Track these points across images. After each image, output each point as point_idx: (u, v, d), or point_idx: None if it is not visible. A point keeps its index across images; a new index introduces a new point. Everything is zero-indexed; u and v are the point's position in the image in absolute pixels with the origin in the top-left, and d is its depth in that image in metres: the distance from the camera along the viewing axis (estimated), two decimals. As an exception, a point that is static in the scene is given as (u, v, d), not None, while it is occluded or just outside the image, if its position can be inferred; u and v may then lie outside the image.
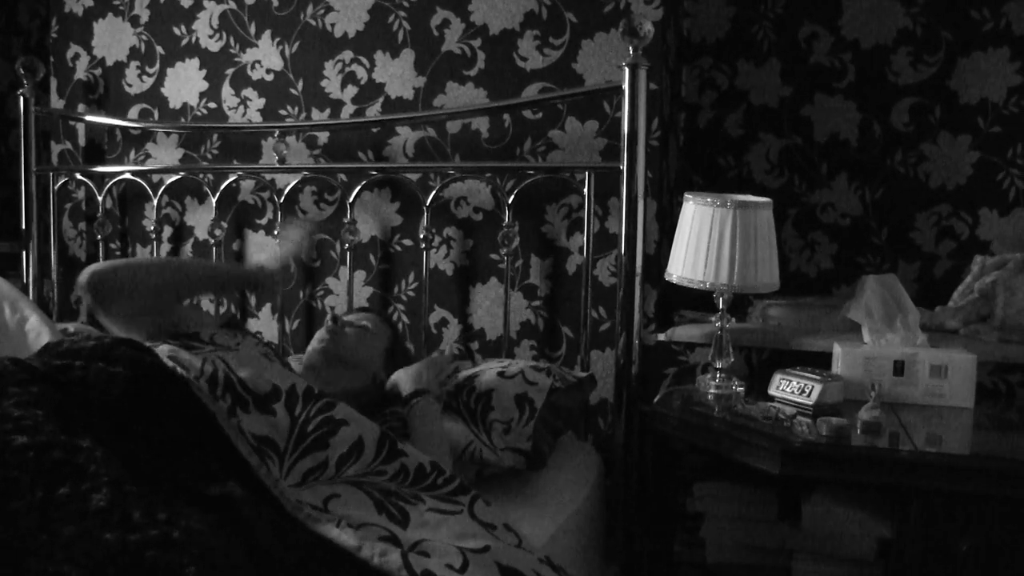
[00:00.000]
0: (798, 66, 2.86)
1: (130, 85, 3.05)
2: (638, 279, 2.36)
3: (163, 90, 3.01)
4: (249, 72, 2.89)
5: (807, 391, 2.07)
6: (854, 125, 2.82)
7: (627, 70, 2.32)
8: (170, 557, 1.10)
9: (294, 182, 2.80)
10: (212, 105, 2.94)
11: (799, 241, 2.87)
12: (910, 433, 1.92)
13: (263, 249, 2.84)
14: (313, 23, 2.79)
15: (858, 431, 1.89)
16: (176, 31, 2.97)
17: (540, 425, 2.04)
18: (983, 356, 2.22)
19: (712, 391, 2.18)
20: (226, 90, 2.92)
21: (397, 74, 2.71)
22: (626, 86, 2.32)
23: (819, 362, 2.27)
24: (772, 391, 2.13)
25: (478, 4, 2.63)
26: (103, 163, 3.10)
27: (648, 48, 2.34)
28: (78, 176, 3.09)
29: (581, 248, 2.54)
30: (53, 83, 3.17)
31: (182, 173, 2.92)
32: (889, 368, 2.16)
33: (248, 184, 2.91)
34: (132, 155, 3.06)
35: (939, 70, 2.74)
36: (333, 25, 2.77)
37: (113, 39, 3.07)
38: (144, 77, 3.03)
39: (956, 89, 2.73)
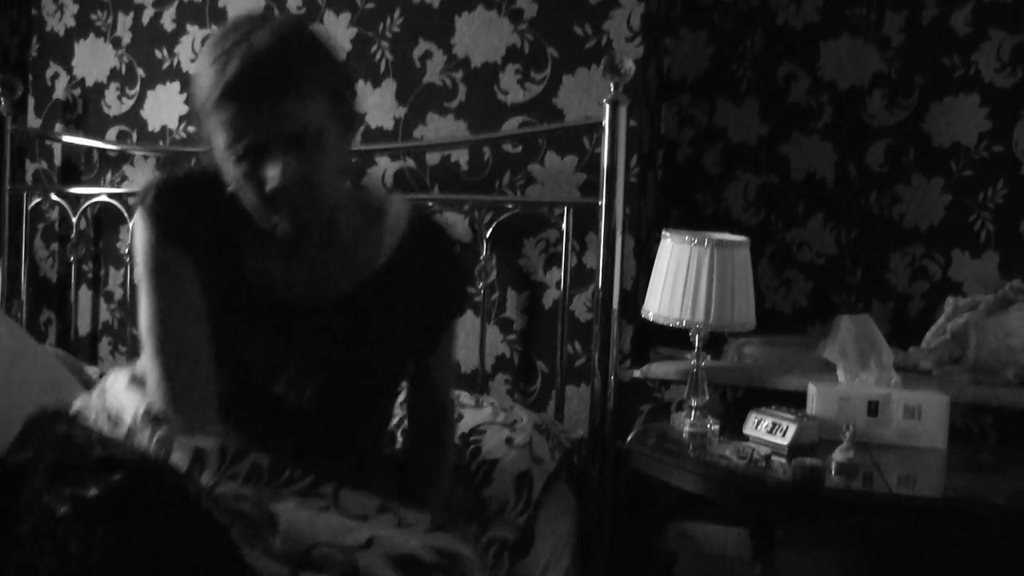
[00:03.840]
0: (776, 105, 2.89)
1: (109, 106, 3.04)
2: (614, 315, 2.37)
3: (143, 112, 2.99)
4: (229, 97, 2.87)
5: (782, 431, 2.07)
6: (830, 165, 2.85)
7: (607, 107, 2.33)
8: None
9: (272, 209, 2.78)
10: (192, 129, 2.92)
11: (775, 279, 2.89)
12: (884, 474, 1.93)
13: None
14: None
15: (832, 472, 1.89)
16: (158, 54, 2.96)
17: (532, 513, 1.98)
18: (956, 397, 2.23)
19: (687, 429, 2.18)
20: (205, 115, 2.90)
21: (378, 104, 2.71)
22: (606, 122, 2.34)
23: (794, 401, 2.28)
24: (747, 430, 2.14)
25: (461, 37, 2.64)
26: (79, 184, 3.07)
27: (628, 85, 2.36)
28: (53, 196, 3.06)
29: (558, 283, 2.54)
30: (31, 102, 3.14)
31: (159, 197, 2.89)
32: (863, 408, 2.17)
33: (225, 209, 2.89)
34: (109, 177, 3.04)
35: (913, 113, 2.78)
36: (315, 53, 2.77)
37: (94, 60, 3.05)
38: (124, 99, 3.02)
39: (929, 132, 2.77)
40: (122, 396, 1.51)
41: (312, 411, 1.51)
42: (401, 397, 1.76)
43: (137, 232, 1.48)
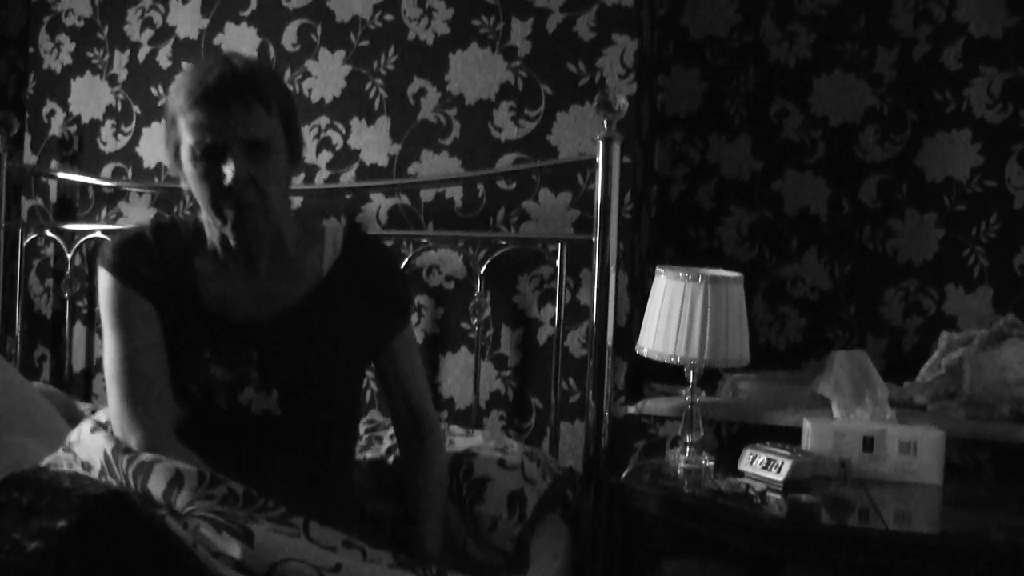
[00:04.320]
0: (769, 141, 2.91)
1: (105, 143, 3.05)
2: (609, 351, 2.36)
3: (138, 149, 3.00)
4: (225, 134, 2.89)
5: (777, 466, 2.07)
6: (824, 200, 2.86)
7: (601, 143, 2.35)
8: None
9: (266, 245, 2.78)
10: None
11: (769, 314, 2.89)
12: (880, 510, 1.92)
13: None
14: (290, 87, 2.80)
15: (828, 509, 1.88)
16: (153, 91, 2.98)
17: (527, 529, 2.00)
18: (951, 432, 2.22)
19: (682, 465, 2.17)
20: (201, 152, 2.91)
21: (372, 141, 2.73)
22: (600, 159, 2.35)
23: (789, 437, 2.27)
24: (742, 466, 2.13)
25: (455, 74, 2.66)
26: (74, 220, 3.08)
27: (622, 122, 2.37)
28: (48, 232, 3.06)
29: (552, 319, 2.54)
30: (27, 138, 3.15)
31: (153, 233, 2.90)
32: (858, 444, 2.16)
33: (220, 246, 2.89)
34: (104, 213, 3.05)
35: (905, 148, 2.80)
36: (311, 90, 2.79)
37: (90, 97, 3.07)
38: (119, 136, 3.03)
39: (922, 167, 2.78)
40: (89, 442, 1.58)
41: (277, 421, 1.62)
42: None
43: (100, 284, 1.64)
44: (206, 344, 1.61)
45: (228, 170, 1.55)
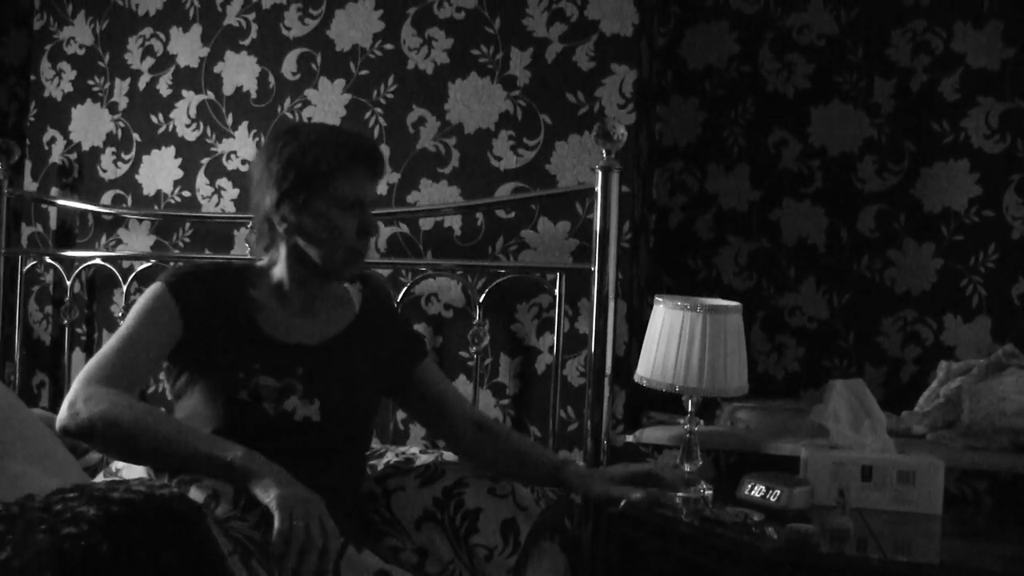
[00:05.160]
0: (767, 171, 2.92)
1: (105, 171, 3.06)
2: (607, 380, 2.36)
3: (138, 176, 3.02)
4: (224, 162, 2.91)
5: (775, 496, 2.06)
6: (822, 230, 2.87)
7: (600, 173, 2.36)
8: None
9: (265, 272, 2.79)
10: (186, 193, 2.95)
11: (767, 344, 2.89)
12: (879, 540, 1.91)
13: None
14: (290, 116, 2.82)
15: (826, 538, 1.87)
16: (154, 119, 3.00)
17: (522, 559, 1.98)
18: (950, 462, 2.22)
19: (680, 494, 2.16)
20: (200, 179, 2.93)
21: (372, 169, 2.73)
22: (599, 188, 2.36)
23: (787, 466, 2.27)
24: (740, 495, 2.12)
25: (454, 103, 2.68)
26: (73, 247, 3.09)
27: (621, 151, 2.38)
28: (47, 259, 3.07)
29: (551, 348, 2.54)
30: (27, 165, 3.17)
31: (153, 260, 2.91)
32: (857, 473, 2.16)
33: (219, 273, 2.90)
34: (103, 240, 3.05)
35: (903, 179, 2.81)
36: (310, 119, 2.80)
37: (90, 125, 3.09)
38: (119, 163, 3.04)
39: (920, 197, 2.79)
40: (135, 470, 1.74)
41: (315, 426, 1.78)
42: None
43: (147, 291, 1.80)
44: (258, 359, 1.78)
45: (372, 220, 1.83)
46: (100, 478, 1.75)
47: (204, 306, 1.80)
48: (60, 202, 3.06)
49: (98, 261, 2.97)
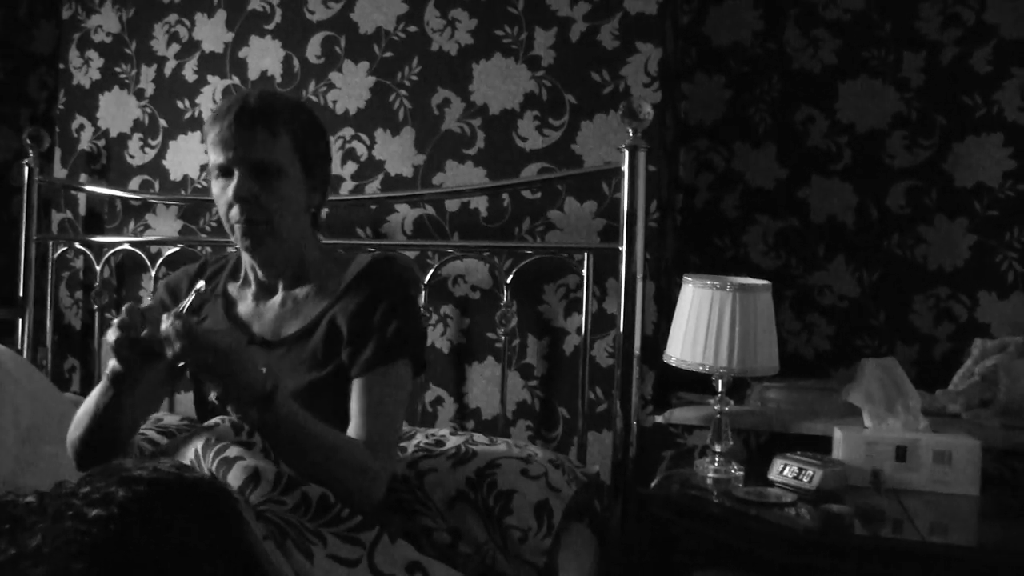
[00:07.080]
0: (794, 149, 2.88)
1: (132, 156, 3.07)
2: (636, 360, 2.35)
3: (164, 162, 3.02)
4: (250, 147, 2.90)
5: (808, 476, 2.04)
6: (851, 207, 2.83)
7: (626, 152, 2.34)
8: None
9: (292, 257, 2.79)
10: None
11: (796, 323, 2.87)
12: (914, 521, 1.89)
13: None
14: (315, 99, 2.82)
15: (861, 519, 1.86)
16: (180, 105, 3.00)
17: (555, 542, 1.99)
18: (986, 442, 2.18)
19: (711, 475, 2.15)
20: (227, 164, 2.93)
21: (397, 152, 2.73)
22: (625, 168, 2.34)
23: (819, 446, 2.25)
24: (772, 475, 2.11)
25: (479, 84, 2.66)
26: (102, 233, 3.11)
27: (647, 130, 2.36)
28: (77, 245, 3.09)
29: (579, 328, 2.53)
30: (57, 153, 3.19)
31: (181, 245, 2.92)
32: (891, 453, 2.13)
33: (246, 258, 2.90)
34: (132, 226, 3.07)
35: (934, 154, 2.77)
36: (335, 102, 2.80)
37: (118, 111, 3.10)
38: (146, 149, 3.05)
39: (951, 172, 2.75)
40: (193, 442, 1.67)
41: None
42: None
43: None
44: None
45: (231, 187, 1.70)
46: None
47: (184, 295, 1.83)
48: (89, 188, 3.08)
49: (127, 246, 2.99)
